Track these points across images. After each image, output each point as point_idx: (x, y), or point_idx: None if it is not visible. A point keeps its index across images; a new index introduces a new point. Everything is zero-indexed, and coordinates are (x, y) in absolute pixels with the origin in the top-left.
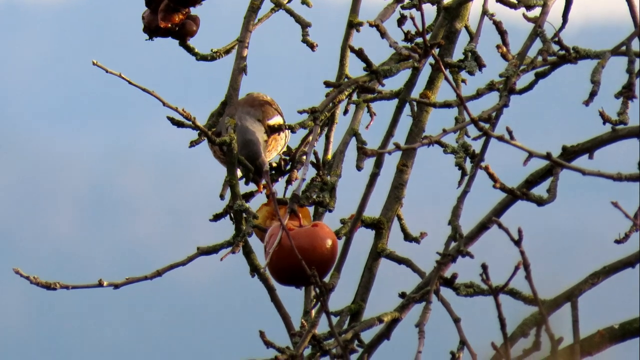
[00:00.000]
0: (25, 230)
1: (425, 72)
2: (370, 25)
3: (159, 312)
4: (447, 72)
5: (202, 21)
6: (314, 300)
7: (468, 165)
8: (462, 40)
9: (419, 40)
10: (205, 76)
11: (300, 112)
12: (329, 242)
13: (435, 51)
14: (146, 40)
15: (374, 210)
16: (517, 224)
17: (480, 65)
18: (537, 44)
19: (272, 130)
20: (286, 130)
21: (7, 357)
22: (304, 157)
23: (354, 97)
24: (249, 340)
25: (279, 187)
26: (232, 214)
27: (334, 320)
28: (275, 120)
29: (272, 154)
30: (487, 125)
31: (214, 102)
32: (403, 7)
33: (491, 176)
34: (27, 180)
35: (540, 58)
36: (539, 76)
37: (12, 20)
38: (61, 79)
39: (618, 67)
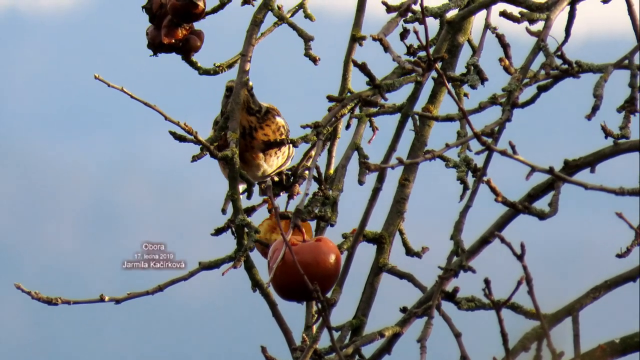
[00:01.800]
0: (26, 244)
1: (427, 86)
2: (374, 39)
3: (160, 327)
4: (449, 86)
5: (205, 35)
6: (316, 315)
7: (470, 179)
8: (465, 54)
9: (422, 54)
10: (208, 90)
11: (304, 127)
12: (333, 257)
13: (438, 65)
14: (150, 56)
15: (375, 224)
16: (518, 238)
17: (483, 79)
18: (540, 58)
19: (277, 144)
20: (289, 146)
21: None
22: (307, 171)
23: (357, 111)
24: (251, 356)
25: (280, 202)
26: (233, 229)
27: (335, 335)
28: (280, 120)
29: (274, 165)
30: (489, 140)
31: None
32: (406, 21)
33: (493, 190)
34: (28, 192)
35: (543, 72)
36: (542, 90)
37: (14, 31)
38: (63, 92)
39: (620, 81)
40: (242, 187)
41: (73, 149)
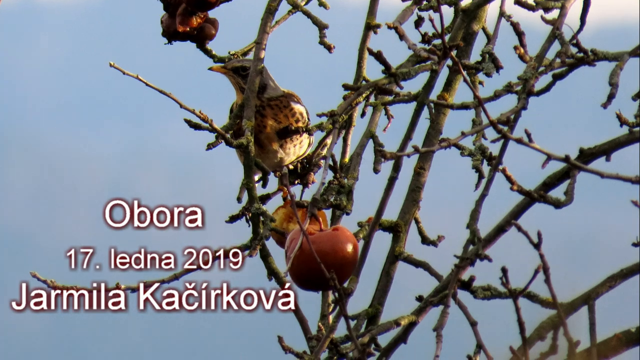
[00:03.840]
0: (42, 233)
1: (442, 74)
2: (389, 27)
3: (174, 316)
4: (465, 74)
5: (219, 24)
6: (332, 304)
7: (485, 168)
8: (479, 42)
9: (437, 42)
10: (222, 79)
11: (320, 115)
12: (350, 246)
13: (454, 53)
14: (165, 44)
15: (391, 213)
16: (534, 227)
17: (498, 67)
18: (555, 46)
19: (291, 132)
20: (306, 134)
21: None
22: (322, 160)
23: (372, 99)
24: (267, 345)
25: (295, 190)
26: (248, 217)
27: (351, 324)
28: (299, 107)
29: (291, 153)
30: (505, 128)
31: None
32: (420, 9)
33: (509, 179)
34: (44, 182)
35: (558, 60)
36: (557, 78)
37: (30, 22)
38: (79, 81)
39: (636, 69)
40: (257, 175)
41: (88, 138)
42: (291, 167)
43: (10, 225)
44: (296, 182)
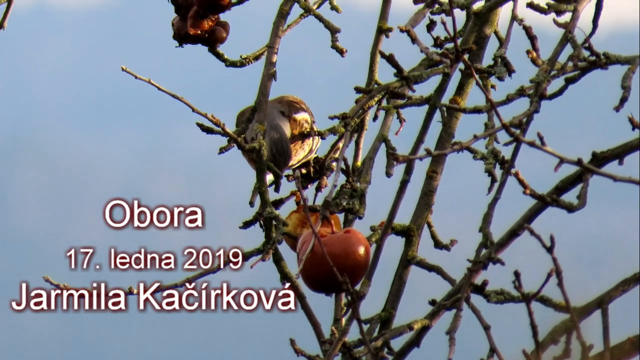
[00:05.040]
0: (54, 236)
1: (454, 78)
2: (401, 30)
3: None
4: (477, 77)
5: (231, 27)
6: (345, 307)
7: (498, 171)
8: (492, 45)
9: (449, 45)
10: (234, 82)
11: (332, 118)
12: (362, 249)
13: (466, 56)
14: (176, 47)
15: (403, 217)
16: (547, 231)
17: (510, 71)
18: (567, 50)
19: (302, 136)
20: (316, 137)
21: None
22: (334, 163)
23: (384, 103)
24: (279, 348)
25: (308, 194)
26: (261, 222)
27: (364, 328)
28: (302, 115)
29: (297, 155)
30: (518, 131)
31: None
32: (432, 13)
33: (521, 182)
34: (56, 185)
35: (570, 64)
36: (569, 82)
37: (41, 23)
38: (90, 84)
39: None
40: (269, 179)
41: (100, 141)
42: (304, 171)
43: (18, 226)
44: (309, 185)
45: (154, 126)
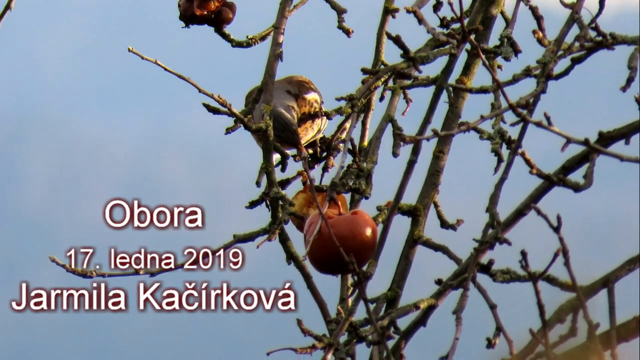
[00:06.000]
0: (61, 216)
1: (461, 58)
2: (408, 11)
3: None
4: (483, 58)
5: (237, 8)
6: (351, 287)
7: (504, 151)
8: (498, 26)
9: (456, 26)
10: (240, 63)
11: (339, 99)
12: (369, 230)
13: (472, 37)
14: (182, 27)
15: (410, 197)
16: (553, 210)
17: (516, 51)
18: (574, 30)
19: (311, 116)
20: (323, 117)
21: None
22: (341, 144)
23: (390, 83)
24: (286, 328)
25: (315, 175)
26: (268, 202)
27: (371, 307)
28: (312, 95)
29: (307, 135)
30: (524, 111)
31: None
32: None
33: (528, 162)
34: (63, 167)
35: (577, 44)
36: (575, 62)
37: (49, 6)
38: (98, 65)
39: None
40: (276, 159)
41: (107, 123)
42: (310, 151)
43: (18, 226)
44: (315, 166)
45: (161, 107)
